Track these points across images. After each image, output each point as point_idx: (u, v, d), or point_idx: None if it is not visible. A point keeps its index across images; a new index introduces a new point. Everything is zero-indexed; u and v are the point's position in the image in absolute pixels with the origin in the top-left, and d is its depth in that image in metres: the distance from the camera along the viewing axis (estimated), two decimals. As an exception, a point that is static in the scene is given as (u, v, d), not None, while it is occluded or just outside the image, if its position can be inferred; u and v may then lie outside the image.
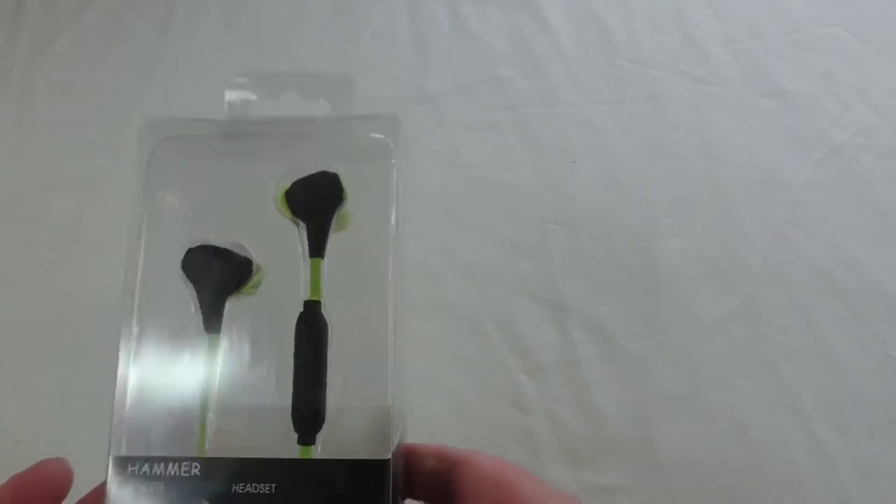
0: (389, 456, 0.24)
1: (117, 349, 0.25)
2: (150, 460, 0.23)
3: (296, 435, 0.24)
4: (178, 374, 0.25)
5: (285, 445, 0.24)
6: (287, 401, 0.24)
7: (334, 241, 0.26)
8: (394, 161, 0.27)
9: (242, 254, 0.25)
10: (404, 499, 0.25)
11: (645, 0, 0.60)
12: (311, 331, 0.25)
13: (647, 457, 0.43)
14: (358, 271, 0.26)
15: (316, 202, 0.26)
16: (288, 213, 0.26)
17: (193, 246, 0.25)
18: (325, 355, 0.25)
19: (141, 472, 0.23)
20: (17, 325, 0.49)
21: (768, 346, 0.46)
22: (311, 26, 0.61)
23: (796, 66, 0.56)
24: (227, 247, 0.25)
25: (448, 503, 0.25)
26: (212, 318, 0.25)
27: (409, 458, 0.25)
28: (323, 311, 0.25)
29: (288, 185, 0.26)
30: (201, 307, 0.25)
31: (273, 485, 0.23)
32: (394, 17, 0.61)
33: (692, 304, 0.48)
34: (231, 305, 0.25)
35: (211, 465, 0.23)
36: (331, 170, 0.26)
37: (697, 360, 0.46)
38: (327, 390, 0.24)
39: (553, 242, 0.50)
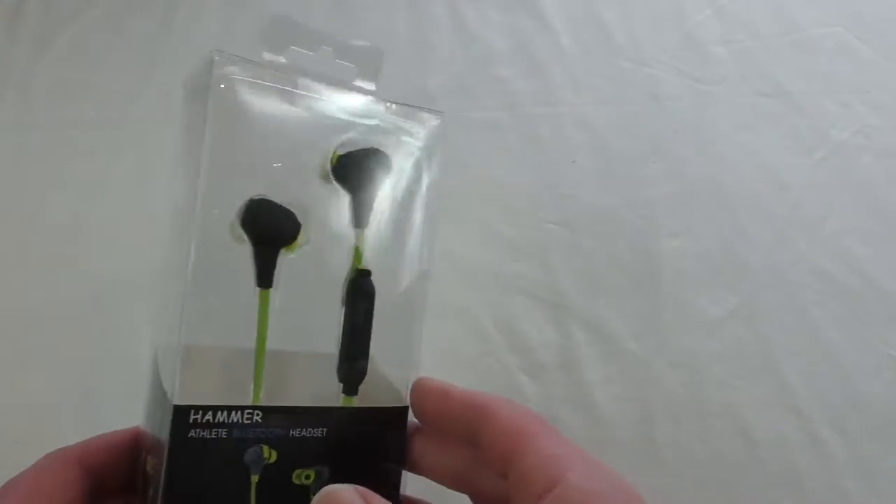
0: (407, 405, 0.28)
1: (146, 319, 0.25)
2: (214, 409, 0.24)
3: (338, 385, 0.27)
4: (231, 325, 0.26)
5: (329, 393, 0.27)
6: (330, 350, 0.27)
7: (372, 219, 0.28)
8: (437, 157, 0.31)
9: (294, 213, 0.27)
10: (439, 433, 0.29)
11: (645, 0, 0.60)
12: (361, 296, 0.28)
13: (647, 457, 0.43)
14: (394, 248, 0.29)
15: (367, 173, 0.28)
16: (339, 179, 0.28)
17: (253, 199, 0.26)
18: (371, 320, 0.28)
19: (204, 420, 0.24)
20: (16, 326, 0.49)
21: (768, 346, 0.46)
22: (311, 26, 0.61)
23: (796, 66, 0.56)
24: (281, 203, 0.26)
25: (475, 446, 0.27)
26: (264, 273, 0.26)
27: (442, 400, 0.28)
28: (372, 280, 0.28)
29: (339, 153, 0.28)
30: (256, 261, 0.26)
31: (324, 429, 0.26)
32: (394, 17, 0.61)
33: (692, 304, 0.48)
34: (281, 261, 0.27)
35: (271, 413, 0.25)
36: (381, 148, 0.29)
37: (697, 360, 0.46)
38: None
39: (553, 242, 0.50)
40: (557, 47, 0.58)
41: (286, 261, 0.26)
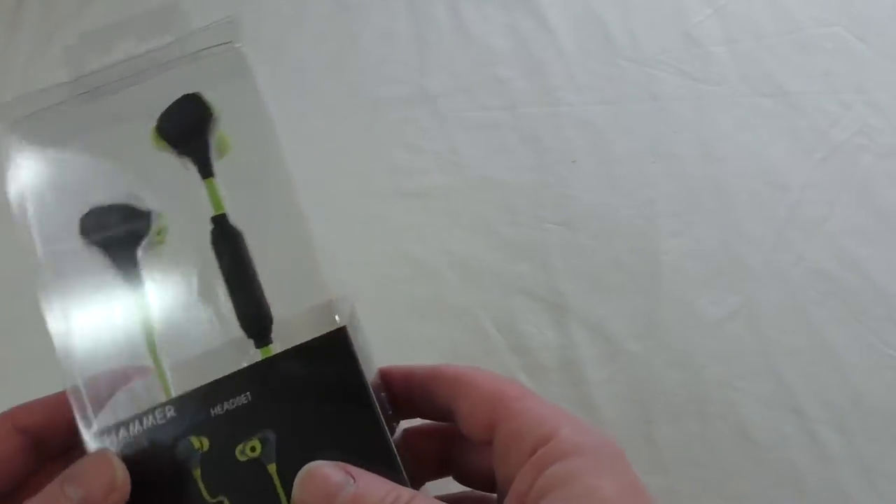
0: (344, 324, 0.24)
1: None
2: (124, 424, 0.23)
3: (252, 343, 0.25)
4: (117, 335, 0.25)
5: (246, 358, 0.24)
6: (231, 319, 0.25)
7: (224, 163, 0.26)
8: (248, 64, 0.27)
9: (140, 206, 0.26)
10: (406, 417, 0.26)
11: (645, 0, 0.60)
12: (227, 240, 0.25)
13: (648, 457, 0.43)
14: (255, 182, 0.26)
15: (187, 127, 0.26)
16: (167, 148, 0.26)
17: (84, 213, 0.25)
18: (249, 258, 0.25)
19: (121, 438, 0.23)
20: (16, 327, 0.49)
21: (768, 346, 0.46)
22: (311, 26, 0.61)
23: (797, 66, 0.56)
24: (121, 202, 0.25)
25: (450, 419, 0.26)
26: (129, 273, 0.25)
27: (406, 379, 0.27)
28: (232, 223, 0.26)
29: (155, 125, 0.26)
30: (115, 266, 0.25)
31: (248, 393, 0.24)
32: (394, 17, 0.61)
33: (692, 304, 0.48)
34: (145, 254, 0.25)
35: (182, 402, 0.24)
36: (190, 91, 0.26)
37: (697, 360, 0.46)
38: (266, 298, 0.25)
39: (553, 242, 0.50)
40: (557, 47, 0.58)
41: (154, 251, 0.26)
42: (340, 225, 0.52)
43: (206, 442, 0.23)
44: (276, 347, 0.25)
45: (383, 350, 0.30)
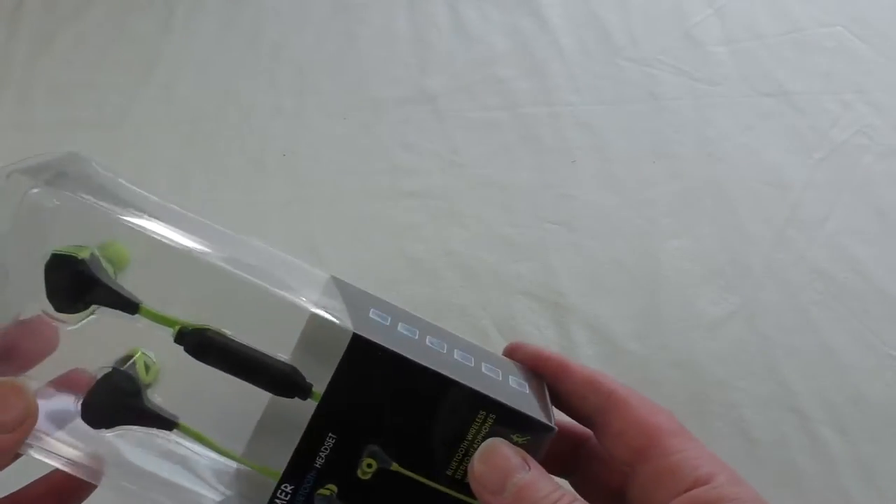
0: (350, 329, 0.24)
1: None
2: None
3: (300, 402, 0.25)
4: (182, 473, 0.25)
5: (301, 414, 0.25)
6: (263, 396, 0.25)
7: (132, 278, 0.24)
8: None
9: (117, 367, 0.24)
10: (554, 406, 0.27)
11: (645, 0, 0.60)
12: (201, 344, 0.24)
13: (647, 457, 0.43)
14: (165, 271, 0.25)
15: (72, 289, 0.24)
16: (80, 316, 0.24)
17: (74, 408, 0.24)
18: (232, 341, 0.24)
19: None
20: None
21: (768, 346, 0.46)
22: (311, 26, 0.61)
23: (796, 66, 0.56)
24: (101, 375, 0.24)
25: (592, 427, 0.26)
26: (159, 421, 0.24)
27: (560, 373, 0.27)
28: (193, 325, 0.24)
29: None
30: (143, 427, 0.25)
31: (330, 433, 0.24)
32: (394, 17, 0.61)
33: (692, 304, 0.48)
34: (155, 396, 0.25)
35: (290, 475, 0.24)
36: (59, 252, 0.23)
37: (697, 360, 0.46)
38: (275, 356, 0.25)
39: (553, 242, 0.50)
40: (557, 47, 0.58)
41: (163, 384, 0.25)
42: (341, 225, 0.52)
43: (332, 486, 0.25)
44: (321, 386, 0.25)
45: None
